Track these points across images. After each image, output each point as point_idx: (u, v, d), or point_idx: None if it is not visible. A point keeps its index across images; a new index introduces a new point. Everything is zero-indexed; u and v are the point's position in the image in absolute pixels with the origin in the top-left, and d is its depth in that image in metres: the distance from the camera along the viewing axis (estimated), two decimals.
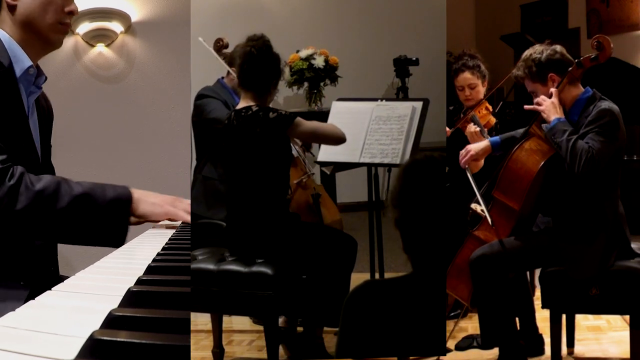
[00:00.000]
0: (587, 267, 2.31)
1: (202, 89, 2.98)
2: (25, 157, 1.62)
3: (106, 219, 1.53)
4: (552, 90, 2.35)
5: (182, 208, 1.68)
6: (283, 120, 2.32)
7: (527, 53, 2.42)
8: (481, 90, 3.04)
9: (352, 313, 1.39)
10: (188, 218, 1.70)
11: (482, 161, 2.66)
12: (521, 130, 2.47)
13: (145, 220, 1.65)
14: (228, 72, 3.03)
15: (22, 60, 1.67)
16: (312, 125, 2.42)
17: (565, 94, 2.36)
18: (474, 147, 2.58)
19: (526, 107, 2.43)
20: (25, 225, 1.47)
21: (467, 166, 2.58)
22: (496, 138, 2.60)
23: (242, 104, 2.39)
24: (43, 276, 1.68)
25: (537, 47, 2.41)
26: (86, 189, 1.53)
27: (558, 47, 2.40)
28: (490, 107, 3.04)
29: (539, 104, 2.36)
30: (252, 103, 2.37)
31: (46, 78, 1.80)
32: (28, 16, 1.68)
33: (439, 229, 1.39)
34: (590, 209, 2.33)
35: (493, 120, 3.01)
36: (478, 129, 2.79)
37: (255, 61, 2.36)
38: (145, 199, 1.61)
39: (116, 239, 1.56)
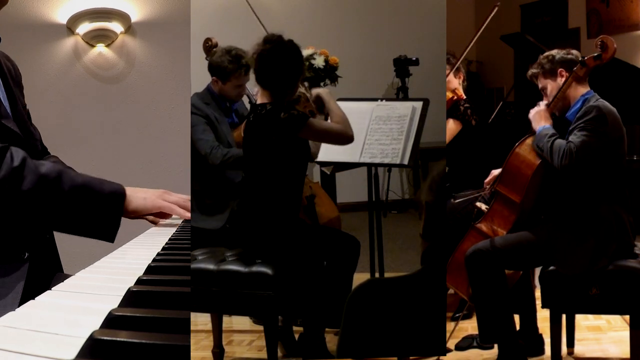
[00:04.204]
0: (576, 264, 2.33)
1: (191, 98, 2.97)
2: None
3: (101, 212, 1.56)
4: (542, 103, 2.47)
5: (172, 201, 1.72)
6: (295, 121, 2.26)
7: (545, 54, 2.52)
8: (452, 80, 3.14)
9: (355, 310, 1.39)
10: (181, 212, 1.74)
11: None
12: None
13: (137, 215, 1.69)
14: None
15: None
16: (325, 126, 2.37)
17: (571, 92, 2.43)
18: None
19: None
20: (28, 207, 1.50)
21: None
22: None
23: (260, 100, 2.38)
24: (40, 245, 1.70)
25: (555, 50, 2.51)
26: (86, 181, 1.56)
27: (574, 51, 2.50)
28: (458, 93, 3.13)
29: (530, 113, 2.48)
30: (268, 100, 2.34)
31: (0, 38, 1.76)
32: None
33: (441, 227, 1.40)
34: (584, 207, 2.35)
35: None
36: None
37: (267, 60, 2.32)
38: (136, 195, 1.65)
39: (108, 233, 1.58)
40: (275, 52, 2.32)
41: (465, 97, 3.16)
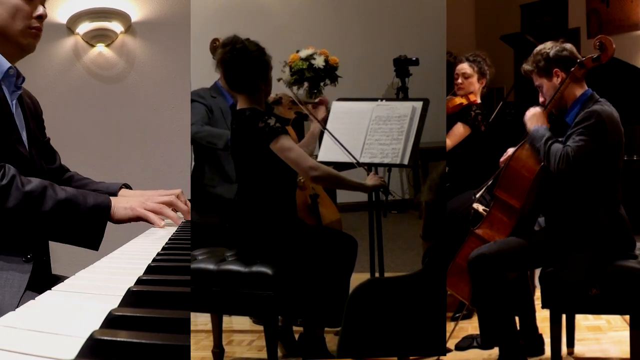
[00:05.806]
0: (576, 270, 2.32)
1: (193, 91, 3.00)
2: (12, 151, 1.71)
3: (85, 224, 1.66)
4: (538, 107, 2.44)
5: (150, 208, 1.81)
6: (267, 134, 2.23)
7: (538, 48, 2.49)
8: (475, 83, 3.15)
9: (355, 310, 1.39)
10: (156, 220, 1.82)
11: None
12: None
13: (124, 222, 1.78)
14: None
15: (0, 64, 1.76)
16: (292, 155, 2.24)
17: (568, 93, 2.41)
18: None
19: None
20: (13, 222, 1.60)
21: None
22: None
23: (239, 106, 2.37)
24: (40, 246, 1.79)
25: (548, 44, 2.46)
26: (69, 195, 1.65)
27: (568, 45, 2.45)
28: (471, 99, 3.12)
29: (525, 114, 2.46)
30: (246, 105, 2.32)
31: (24, 79, 1.87)
32: None
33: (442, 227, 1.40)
34: (583, 213, 2.35)
35: (461, 102, 3.13)
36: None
37: (229, 64, 2.28)
38: (119, 205, 1.75)
39: (93, 242, 1.69)
40: (233, 54, 2.28)
41: (479, 102, 3.17)
